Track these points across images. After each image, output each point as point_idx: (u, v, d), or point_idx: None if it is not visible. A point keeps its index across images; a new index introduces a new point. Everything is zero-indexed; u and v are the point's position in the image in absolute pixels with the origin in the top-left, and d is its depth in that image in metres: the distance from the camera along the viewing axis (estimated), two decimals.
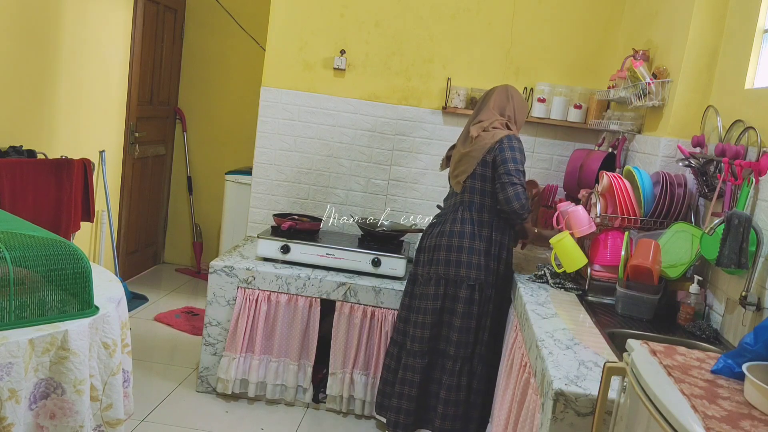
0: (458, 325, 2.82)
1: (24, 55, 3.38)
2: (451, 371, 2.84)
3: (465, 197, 2.88)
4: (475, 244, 2.83)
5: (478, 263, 2.82)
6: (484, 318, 2.86)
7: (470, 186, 2.87)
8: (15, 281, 1.72)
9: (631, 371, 1.45)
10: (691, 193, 2.57)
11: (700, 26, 2.64)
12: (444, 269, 2.84)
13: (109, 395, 1.93)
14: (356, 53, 3.70)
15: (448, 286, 2.84)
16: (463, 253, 2.82)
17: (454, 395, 2.84)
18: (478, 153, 2.83)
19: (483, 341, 2.86)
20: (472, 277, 2.81)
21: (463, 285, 2.82)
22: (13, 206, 3.14)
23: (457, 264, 2.82)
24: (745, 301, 1.98)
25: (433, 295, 2.86)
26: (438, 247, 2.86)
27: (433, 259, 2.87)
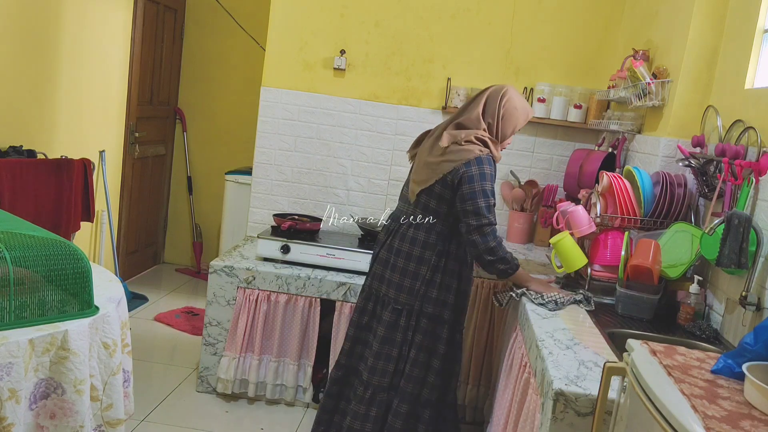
0: (376, 349, 2.51)
1: (24, 55, 3.38)
2: (360, 398, 2.54)
3: (416, 212, 2.51)
4: (411, 267, 2.47)
5: (411, 287, 2.47)
6: (409, 349, 2.50)
7: (424, 203, 2.48)
8: (15, 281, 1.72)
9: (631, 371, 1.45)
10: (691, 193, 2.57)
11: (700, 26, 2.64)
12: (377, 285, 2.56)
13: (109, 395, 1.93)
14: (356, 53, 3.70)
15: (376, 305, 2.57)
16: (396, 272, 2.49)
17: (359, 425, 2.51)
18: (441, 169, 2.42)
19: (408, 375, 2.50)
20: (401, 301, 2.48)
21: (389, 307, 2.51)
22: (13, 206, 3.14)
23: (389, 283, 2.51)
24: (745, 301, 1.98)
25: (360, 308, 2.62)
26: (378, 260, 2.58)
27: (371, 271, 2.62)
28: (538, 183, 3.66)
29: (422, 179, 2.47)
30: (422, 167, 2.50)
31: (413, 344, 2.51)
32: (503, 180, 3.72)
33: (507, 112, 2.52)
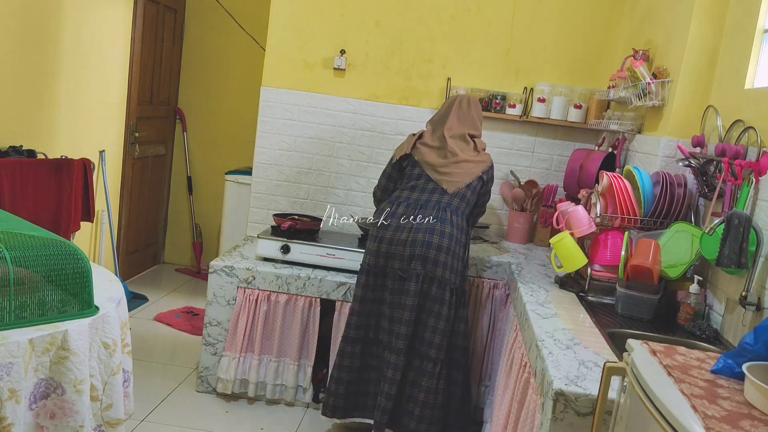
0: (441, 327, 2.77)
1: (24, 55, 3.38)
2: (430, 374, 2.78)
3: (454, 201, 2.89)
4: (458, 250, 2.82)
5: (457, 268, 2.81)
6: (459, 323, 2.84)
7: (462, 193, 2.91)
8: (15, 281, 1.72)
9: (631, 371, 1.45)
10: (691, 193, 2.57)
11: (700, 26, 2.64)
12: (432, 268, 2.76)
13: (109, 395, 1.93)
14: (356, 53, 3.70)
15: (431, 286, 2.77)
16: (449, 255, 2.78)
17: (432, 398, 2.78)
18: (479, 168, 2.96)
19: (458, 347, 2.84)
20: (452, 281, 2.79)
21: (447, 288, 2.78)
22: (13, 206, 3.14)
23: (444, 265, 2.77)
24: (745, 301, 1.98)
25: (414, 291, 2.77)
26: (426, 244, 2.76)
27: (416, 254, 2.77)
28: (538, 183, 3.66)
29: (464, 173, 2.94)
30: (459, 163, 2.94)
31: (462, 319, 2.85)
32: (503, 180, 3.72)
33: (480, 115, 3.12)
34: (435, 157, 2.96)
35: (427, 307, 2.79)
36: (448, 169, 2.93)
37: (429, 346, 2.77)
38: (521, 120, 3.62)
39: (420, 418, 2.78)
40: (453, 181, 2.92)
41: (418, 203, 2.88)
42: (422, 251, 2.76)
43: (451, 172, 2.93)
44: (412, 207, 2.88)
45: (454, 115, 3.02)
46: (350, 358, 2.88)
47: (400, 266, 2.80)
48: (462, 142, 2.99)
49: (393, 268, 2.82)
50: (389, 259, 2.83)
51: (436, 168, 2.94)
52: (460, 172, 2.93)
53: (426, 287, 2.78)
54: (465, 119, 3.03)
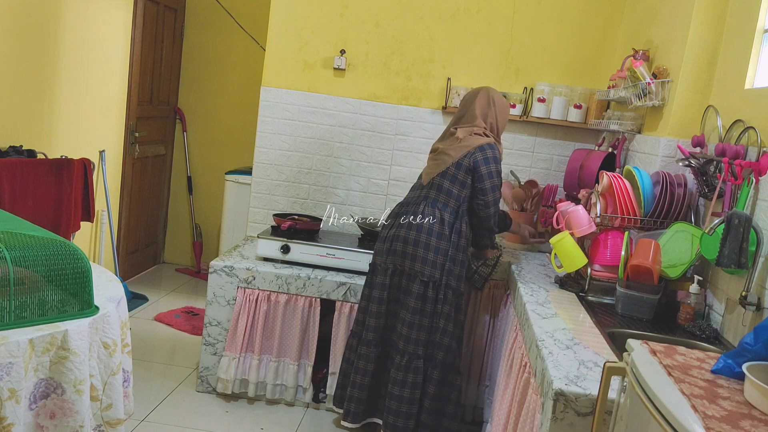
0: (408, 320, 2.79)
1: (24, 55, 3.38)
2: (398, 365, 2.81)
3: (430, 193, 2.86)
4: (432, 242, 2.78)
5: (434, 261, 2.77)
6: (440, 319, 2.79)
7: (438, 184, 2.85)
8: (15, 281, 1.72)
9: (631, 371, 1.45)
10: (691, 193, 2.57)
11: (700, 26, 2.64)
12: (400, 261, 2.81)
13: (109, 395, 1.93)
14: (356, 53, 3.70)
15: (402, 278, 2.82)
16: (419, 247, 2.78)
17: (398, 390, 2.79)
18: (455, 153, 2.83)
19: (442, 345, 2.79)
20: (426, 274, 2.77)
21: (416, 280, 2.78)
22: (13, 206, 3.14)
23: (413, 257, 2.79)
24: (745, 301, 1.98)
25: (386, 285, 2.83)
26: (396, 238, 2.83)
27: (390, 249, 2.84)
28: (538, 183, 3.66)
29: (437, 163, 2.86)
30: (437, 156, 2.89)
31: (445, 316, 2.79)
32: (503, 180, 3.72)
33: (499, 109, 2.94)
34: (435, 154, 2.96)
35: (399, 298, 2.83)
36: (432, 161, 2.93)
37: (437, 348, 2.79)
38: (521, 120, 3.62)
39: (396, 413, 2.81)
40: (428, 172, 2.91)
41: (413, 201, 2.91)
42: (412, 250, 2.80)
43: (434, 162, 2.92)
44: (410, 204, 2.92)
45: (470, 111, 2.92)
46: (366, 360, 2.89)
47: (402, 264, 2.83)
48: (466, 131, 2.88)
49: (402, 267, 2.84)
50: (396, 256, 2.85)
51: (428, 165, 2.96)
52: (436, 163, 2.89)
53: (397, 280, 2.83)
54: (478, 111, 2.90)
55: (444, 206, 2.82)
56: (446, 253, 2.79)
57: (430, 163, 2.93)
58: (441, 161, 2.87)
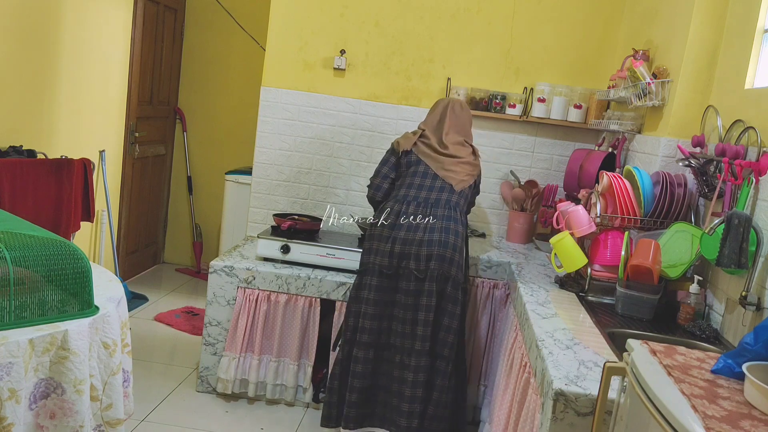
0: (454, 326, 2.79)
1: (24, 55, 3.38)
2: (443, 373, 2.80)
3: (460, 201, 2.94)
4: (464, 249, 2.89)
5: (463, 266, 2.87)
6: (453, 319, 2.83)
7: (466, 194, 2.98)
8: (15, 281, 1.72)
9: (631, 371, 1.45)
10: (691, 193, 2.57)
11: (700, 26, 2.64)
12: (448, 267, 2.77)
13: (109, 395, 1.93)
14: (356, 53, 3.70)
15: (447, 285, 2.78)
16: (460, 254, 2.84)
17: (409, 392, 2.78)
18: (475, 171, 3.04)
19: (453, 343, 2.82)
20: (460, 279, 2.83)
21: (459, 287, 2.81)
22: (13, 206, 3.14)
23: (458, 265, 2.81)
24: (745, 301, 1.98)
25: (432, 292, 2.76)
26: (443, 244, 2.77)
27: (434, 254, 2.76)
28: (538, 183, 3.66)
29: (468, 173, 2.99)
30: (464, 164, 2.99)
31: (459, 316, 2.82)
32: (503, 180, 3.72)
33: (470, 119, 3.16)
34: (439, 155, 2.98)
35: (442, 306, 2.79)
36: (455, 167, 2.96)
37: (443, 345, 2.79)
38: (521, 120, 3.62)
39: (432, 417, 2.80)
40: (461, 180, 2.96)
41: (428, 201, 2.88)
42: (440, 251, 2.77)
43: (457, 170, 2.96)
44: (423, 206, 2.87)
45: (449, 122, 3.03)
46: (363, 364, 2.85)
47: (416, 267, 2.78)
48: (461, 146, 3.03)
49: (409, 269, 2.79)
50: (403, 259, 2.80)
51: (443, 165, 2.96)
52: (464, 172, 2.98)
53: (442, 287, 2.79)
54: (459, 127, 3.05)
55: (465, 214, 2.98)
56: (467, 258, 2.93)
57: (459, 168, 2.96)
58: (468, 172, 2.99)
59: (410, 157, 2.99)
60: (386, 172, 3.04)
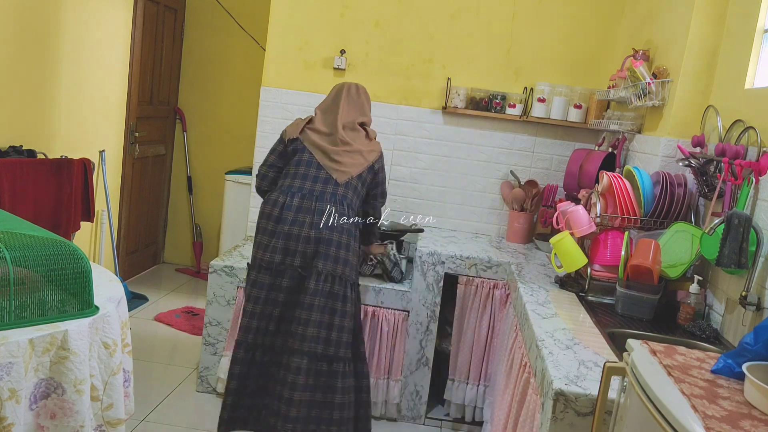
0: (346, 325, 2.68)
1: (24, 55, 3.38)
2: (343, 374, 2.68)
3: (347, 194, 2.76)
4: (353, 245, 2.75)
5: (353, 264, 2.75)
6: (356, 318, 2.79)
7: (354, 185, 2.80)
8: (15, 281, 1.72)
9: (631, 371, 1.45)
10: (691, 193, 2.57)
11: (700, 26, 2.64)
12: (333, 266, 2.65)
13: (109, 395, 1.93)
14: (356, 53, 3.70)
15: (335, 284, 2.66)
16: (348, 251, 2.71)
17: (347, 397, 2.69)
18: (371, 157, 2.87)
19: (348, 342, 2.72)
20: (351, 278, 2.72)
21: (348, 284, 2.70)
22: (13, 206, 3.14)
23: (345, 263, 2.69)
24: (745, 301, 1.98)
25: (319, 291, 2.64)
26: (327, 241, 2.66)
27: (319, 252, 2.65)
28: (538, 183, 3.66)
29: (354, 163, 2.82)
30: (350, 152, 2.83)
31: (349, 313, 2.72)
32: (503, 180, 3.72)
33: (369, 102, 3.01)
34: (326, 144, 2.82)
35: (331, 306, 2.66)
36: (339, 158, 2.80)
37: (338, 346, 2.66)
38: (521, 120, 3.62)
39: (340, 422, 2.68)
40: (344, 171, 2.79)
41: (313, 194, 2.72)
42: (325, 249, 2.65)
43: (343, 161, 2.80)
44: (308, 198, 2.72)
45: (344, 103, 2.89)
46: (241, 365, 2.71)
47: (302, 264, 2.66)
48: (353, 131, 2.87)
49: (293, 267, 2.67)
50: (288, 255, 2.67)
51: (328, 155, 2.80)
52: (352, 162, 2.81)
53: (330, 286, 2.66)
54: (355, 106, 2.91)
55: (355, 207, 2.81)
56: (356, 252, 2.80)
57: (342, 157, 2.79)
58: (356, 162, 2.81)
59: (296, 144, 2.84)
60: (272, 161, 2.90)
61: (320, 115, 2.92)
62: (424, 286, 3.17)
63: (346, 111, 2.89)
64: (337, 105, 2.90)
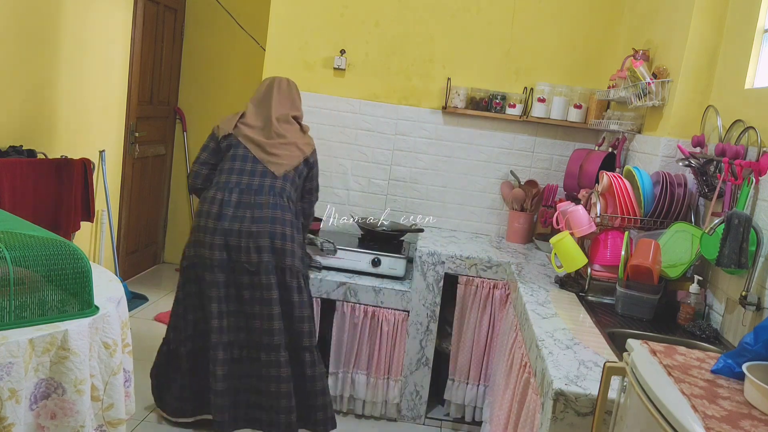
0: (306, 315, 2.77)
1: (24, 55, 3.38)
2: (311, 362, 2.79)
3: (286, 186, 2.81)
4: (298, 237, 2.82)
5: (301, 255, 2.81)
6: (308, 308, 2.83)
7: (291, 177, 2.85)
8: (15, 281, 1.72)
9: (631, 371, 1.45)
10: (691, 193, 2.57)
11: (700, 26, 2.65)
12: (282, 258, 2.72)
13: (110, 395, 1.93)
14: (356, 53, 3.70)
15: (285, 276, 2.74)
16: (294, 242, 2.77)
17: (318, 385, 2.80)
18: (306, 150, 2.92)
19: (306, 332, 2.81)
20: (301, 269, 2.79)
21: (299, 276, 2.78)
22: (13, 206, 3.14)
23: (292, 255, 2.75)
24: (745, 301, 1.98)
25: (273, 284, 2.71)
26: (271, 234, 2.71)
27: (263, 246, 2.69)
28: (538, 183, 3.66)
29: (291, 155, 2.87)
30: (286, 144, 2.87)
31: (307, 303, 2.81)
32: (503, 180, 3.72)
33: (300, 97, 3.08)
34: (261, 137, 2.86)
35: (287, 299, 2.75)
36: (276, 150, 2.83)
37: (301, 335, 2.76)
38: (521, 120, 3.62)
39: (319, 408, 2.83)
40: (281, 163, 2.82)
41: (251, 188, 2.75)
42: (270, 242, 2.70)
43: (279, 153, 2.83)
44: (246, 193, 2.75)
45: (276, 96, 2.95)
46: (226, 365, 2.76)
47: (248, 260, 2.70)
48: (287, 124, 2.93)
49: (240, 263, 2.71)
50: (232, 251, 2.71)
51: (263, 148, 2.84)
52: (288, 154, 2.85)
53: (281, 279, 2.73)
54: (286, 100, 2.98)
55: (294, 200, 2.86)
56: (302, 244, 2.86)
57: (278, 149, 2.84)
58: (293, 154, 2.86)
59: (230, 140, 2.88)
60: (205, 158, 2.92)
61: (252, 108, 2.95)
62: (424, 286, 3.17)
63: (278, 104, 2.94)
64: (270, 99, 2.94)
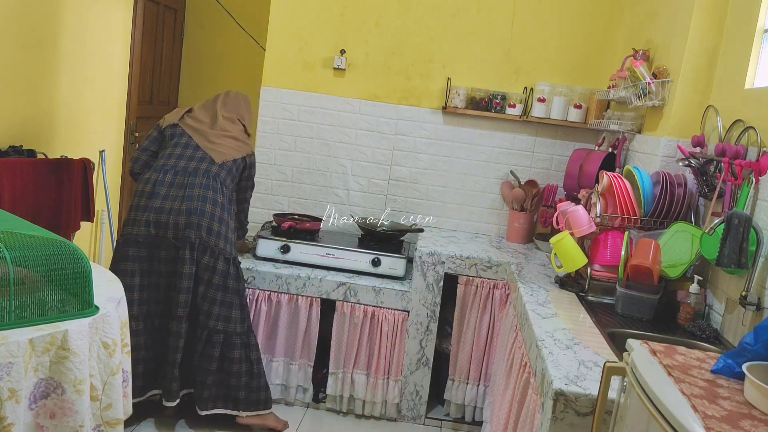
0: (218, 297, 2.81)
1: (24, 55, 3.38)
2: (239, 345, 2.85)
3: (221, 173, 2.92)
4: (230, 222, 2.89)
5: (231, 239, 2.87)
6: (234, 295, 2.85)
7: (229, 167, 2.97)
8: (15, 281, 1.72)
9: (631, 371, 1.45)
10: (691, 193, 2.57)
11: (700, 26, 2.64)
12: (206, 236, 2.78)
13: (108, 395, 1.93)
14: (356, 53, 3.70)
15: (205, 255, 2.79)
16: (222, 224, 2.83)
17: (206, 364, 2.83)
18: (246, 149, 3.07)
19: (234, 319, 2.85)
20: (227, 251, 2.83)
21: (221, 257, 2.81)
22: (13, 206, 3.13)
23: (218, 235, 2.81)
24: (745, 301, 1.98)
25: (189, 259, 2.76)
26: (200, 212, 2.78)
27: (190, 223, 2.76)
28: (538, 183, 3.66)
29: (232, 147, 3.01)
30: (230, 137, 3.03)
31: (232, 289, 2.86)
32: (503, 180, 3.72)
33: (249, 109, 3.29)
34: (206, 128, 3.02)
35: (215, 282, 2.81)
36: (218, 140, 2.99)
37: (208, 316, 2.81)
38: (521, 120, 3.62)
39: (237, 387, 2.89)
40: (222, 152, 2.97)
41: (186, 170, 2.87)
42: (198, 219, 2.77)
43: (222, 143, 2.99)
44: (181, 174, 2.86)
45: (223, 100, 3.18)
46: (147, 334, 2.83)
47: (174, 235, 2.77)
48: (232, 123, 3.10)
49: (167, 238, 2.78)
50: (160, 228, 2.78)
51: (207, 137, 2.99)
52: (230, 146, 3.01)
53: (199, 255, 2.78)
54: (234, 105, 3.19)
55: (230, 190, 2.97)
56: (233, 229, 2.93)
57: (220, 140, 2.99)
58: (234, 147, 3.01)
59: (175, 129, 3.03)
60: (146, 145, 3.06)
61: (200, 106, 3.17)
62: (424, 286, 3.17)
63: (225, 107, 3.16)
64: (217, 101, 3.18)
